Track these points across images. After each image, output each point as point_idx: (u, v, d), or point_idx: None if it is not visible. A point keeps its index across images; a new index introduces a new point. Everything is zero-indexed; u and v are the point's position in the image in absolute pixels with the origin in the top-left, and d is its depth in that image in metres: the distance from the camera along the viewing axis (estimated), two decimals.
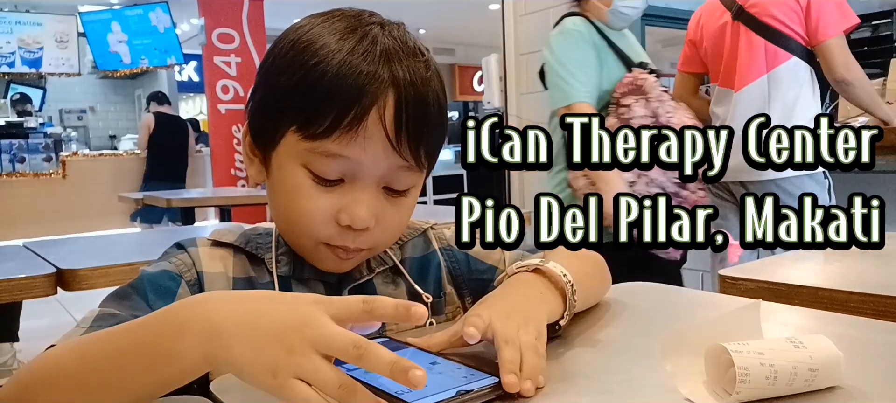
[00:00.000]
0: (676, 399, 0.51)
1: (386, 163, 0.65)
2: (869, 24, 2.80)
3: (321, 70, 0.63)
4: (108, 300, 0.64)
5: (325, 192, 0.66)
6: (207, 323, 0.46)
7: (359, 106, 0.62)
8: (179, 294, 0.67)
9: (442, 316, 0.79)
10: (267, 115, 0.68)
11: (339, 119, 0.62)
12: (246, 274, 0.72)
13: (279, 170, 0.68)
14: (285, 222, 0.70)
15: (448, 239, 0.84)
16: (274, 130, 0.67)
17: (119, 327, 0.51)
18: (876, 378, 0.56)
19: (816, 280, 0.93)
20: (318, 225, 0.66)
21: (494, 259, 0.83)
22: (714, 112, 2.40)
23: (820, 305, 0.85)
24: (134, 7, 7.93)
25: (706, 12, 2.40)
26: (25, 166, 5.72)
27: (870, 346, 0.65)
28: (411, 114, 0.64)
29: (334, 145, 0.63)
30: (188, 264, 0.70)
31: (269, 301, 0.48)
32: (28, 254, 1.57)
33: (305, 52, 0.65)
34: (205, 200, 3.76)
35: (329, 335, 0.44)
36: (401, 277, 0.78)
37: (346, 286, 0.74)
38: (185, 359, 0.47)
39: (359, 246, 0.68)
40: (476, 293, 0.82)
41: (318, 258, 0.70)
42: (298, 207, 0.66)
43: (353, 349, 0.44)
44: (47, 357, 0.53)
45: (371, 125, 0.62)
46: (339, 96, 0.62)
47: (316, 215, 0.66)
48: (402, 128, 0.64)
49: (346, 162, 0.64)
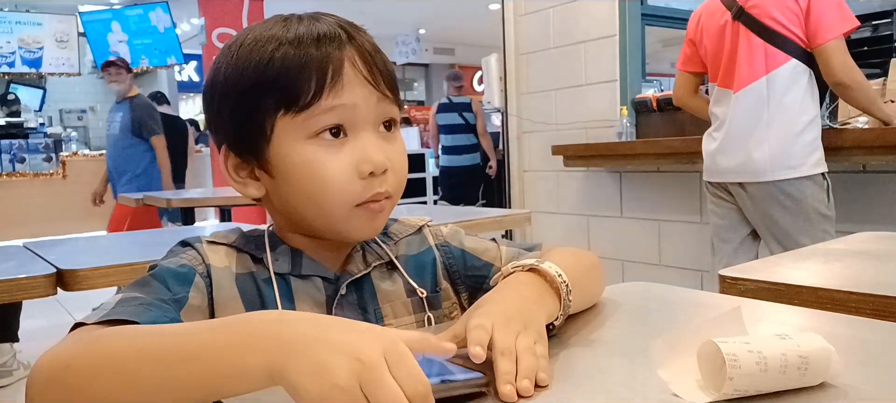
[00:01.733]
0: (676, 399, 0.51)
1: (374, 101, 0.69)
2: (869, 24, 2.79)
3: (285, 50, 0.67)
4: (130, 287, 0.64)
5: (338, 151, 0.68)
6: (276, 331, 0.46)
7: (332, 61, 0.67)
8: (195, 283, 0.68)
9: (439, 310, 0.80)
10: (246, 121, 0.70)
11: (321, 78, 0.66)
12: (248, 270, 0.73)
13: (285, 159, 0.69)
14: (309, 204, 0.70)
15: (445, 236, 0.85)
16: (261, 128, 0.69)
17: (178, 327, 0.51)
18: (875, 378, 0.56)
19: (816, 280, 0.93)
20: (345, 184, 0.68)
21: (490, 255, 0.83)
22: (713, 112, 2.40)
23: (820, 305, 0.85)
24: (134, 7, 7.93)
25: (706, 12, 2.40)
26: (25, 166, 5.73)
27: (869, 346, 0.65)
28: (373, 54, 0.70)
29: (328, 100, 0.67)
30: (198, 259, 0.71)
31: (345, 328, 0.48)
32: (28, 254, 1.57)
33: (259, 46, 0.68)
34: (205, 200, 3.75)
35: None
36: (397, 272, 0.79)
37: (344, 281, 0.74)
38: (250, 375, 0.46)
39: (386, 189, 0.70)
40: (472, 289, 0.83)
41: (353, 226, 0.71)
42: (323, 177, 0.68)
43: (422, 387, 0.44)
44: (94, 342, 0.51)
45: (349, 71, 0.68)
46: (313, 61, 0.67)
47: (341, 174, 0.68)
48: (374, 67, 0.70)
49: (343, 109, 0.68)
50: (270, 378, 0.45)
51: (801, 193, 2.18)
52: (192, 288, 0.67)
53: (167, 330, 0.51)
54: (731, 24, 2.27)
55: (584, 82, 3.71)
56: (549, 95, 3.93)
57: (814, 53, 2.15)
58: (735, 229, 2.41)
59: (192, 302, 0.66)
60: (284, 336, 0.46)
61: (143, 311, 0.59)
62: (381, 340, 0.45)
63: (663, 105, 3.19)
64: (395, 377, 0.44)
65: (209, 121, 0.75)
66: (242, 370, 0.46)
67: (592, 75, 3.67)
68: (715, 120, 2.39)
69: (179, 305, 0.65)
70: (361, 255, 0.77)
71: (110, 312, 0.57)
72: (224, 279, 0.71)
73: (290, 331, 0.46)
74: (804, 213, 2.19)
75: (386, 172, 0.70)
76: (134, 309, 0.59)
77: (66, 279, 1.32)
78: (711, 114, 2.41)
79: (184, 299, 0.65)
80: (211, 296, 0.69)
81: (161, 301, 0.62)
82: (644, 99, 3.33)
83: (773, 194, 2.21)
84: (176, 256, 0.71)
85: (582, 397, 0.53)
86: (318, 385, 0.43)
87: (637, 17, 3.58)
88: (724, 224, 2.43)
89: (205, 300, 0.68)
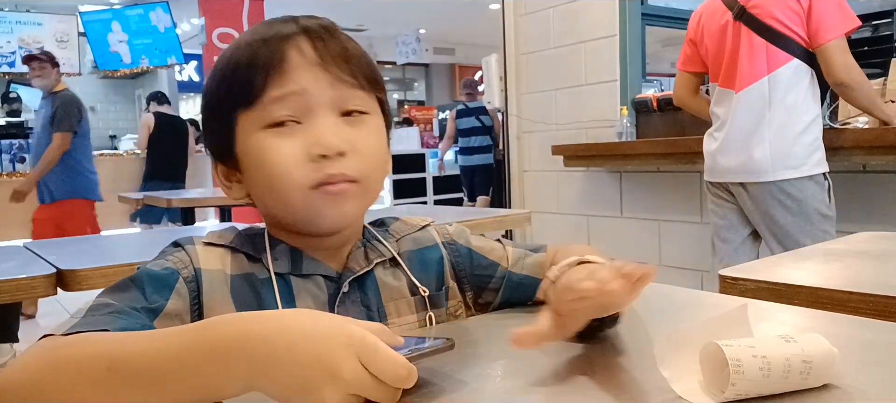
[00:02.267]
0: (676, 400, 0.51)
1: (326, 83, 0.69)
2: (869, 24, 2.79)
3: (238, 54, 0.71)
4: (106, 291, 0.64)
5: (288, 137, 0.68)
6: (249, 348, 0.47)
7: (276, 51, 0.68)
8: (176, 288, 0.67)
9: (443, 309, 0.79)
10: (216, 127, 0.73)
11: (265, 69, 0.68)
12: (243, 271, 0.72)
13: (247, 154, 0.71)
14: (270, 195, 0.70)
15: (451, 234, 0.84)
16: (228, 130, 0.71)
17: (151, 337, 0.51)
18: (876, 379, 0.56)
19: (816, 280, 0.93)
20: (294, 168, 0.68)
21: (497, 255, 0.83)
22: (714, 112, 2.40)
23: (820, 305, 0.85)
24: (134, 7, 7.93)
25: (707, 11, 2.40)
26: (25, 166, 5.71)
27: (869, 346, 0.65)
28: (327, 39, 0.70)
29: (275, 91, 0.68)
30: (186, 261, 0.70)
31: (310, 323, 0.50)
32: (28, 254, 1.57)
33: (223, 55, 0.73)
34: (205, 200, 3.75)
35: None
36: (400, 269, 0.78)
37: (346, 279, 0.73)
38: (228, 388, 0.48)
39: (342, 171, 0.68)
40: (477, 288, 0.83)
41: (315, 211, 0.69)
42: (273, 163, 0.68)
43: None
44: (61, 354, 0.51)
45: (295, 58, 0.68)
46: (258, 55, 0.69)
47: (288, 158, 0.68)
48: (325, 52, 0.69)
49: (293, 97, 0.68)
50: (248, 390, 0.48)
51: (803, 193, 2.18)
52: (172, 294, 0.66)
53: (139, 346, 0.50)
54: (733, 23, 2.27)
55: (584, 82, 3.71)
56: (549, 95, 3.93)
57: (815, 53, 2.15)
58: (735, 229, 2.41)
59: (169, 309, 0.65)
60: (256, 357, 0.47)
61: (112, 321, 0.58)
62: (350, 343, 0.47)
63: (663, 105, 3.19)
64: (374, 371, 0.47)
65: (202, 132, 0.79)
66: (222, 385, 0.48)
67: (592, 75, 3.67)
68: (716, 120, 2.39)
69: (154, 313, 0.63)
70: (363, 252, 0.76)
71: (79, 323, 0.56)
72: (216, 281, 0.70)
73: (262, 353, 0.47)
74: (805, 213, 2.19)
75: (344, 155, 0.68)
76: (104, 317, 0.58)
77: (66, 279, 1.32)
78: (712, 114, 2.41)
79: (160, 307, 0.64)
80: (197, 301, 0.68)
81: (133, 308, 0.62)
82: (644, 99, 3.33)
83: (773, 194, 2.21)
84: (163, 258, 0.70)
85: (582, 396, 0.53)
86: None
87: (637, 17, 3.58)
88: (725, 224, 2.43)
89: (186, 305, 0.67)
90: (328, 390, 0.46)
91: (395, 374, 0.47)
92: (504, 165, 4.34)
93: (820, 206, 2.20)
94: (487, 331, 0.74)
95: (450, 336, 0.56)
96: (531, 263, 0.81)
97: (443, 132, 8.17)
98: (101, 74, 9.32)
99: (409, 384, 0.49)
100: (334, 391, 0.46)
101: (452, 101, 11.45)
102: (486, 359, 0.64)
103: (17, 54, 7.64)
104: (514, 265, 0.82)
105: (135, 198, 4.18)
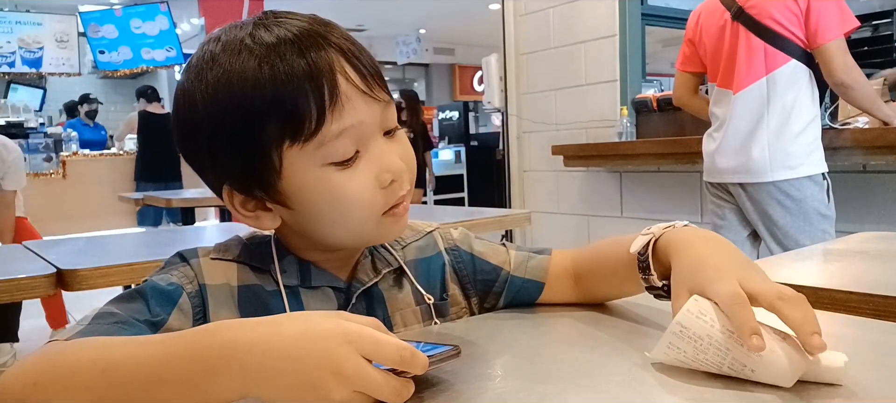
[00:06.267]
0: (676, 400, 0.51)
1: (377, 109, 0.66)
2: (869, 24, 2.80)
3: (272, 79, 0.62)
4: (112, 301, 0.64)
5: (355, 169, 0.66)
6: (239, 357, 0.47)
7: (326, 80, 0.63)
8: (179, 304, 0.66)
9: (446, 317, 0.79)
10: (248, 158, 0.65)
11: (320, 102, 0.62)
12: (250, 282, 0.71)
13: (302, 189, 0.66)
14: (334, 225, 0.68)
15: (455, 240, 0.84)
16: (266, 163, 0.65)
17: (144, 344, 0.51)
18: (876, 379, 0.56)
19: (816, 280, 0.93)
20: (370, 201, 0.67)
21: (500, 259, 0.83)
22: (713, 112, 2.40)
23: (820, 305, 0.85)
24: (134, 7, 7.93)
25: (705, 12, 2.40)
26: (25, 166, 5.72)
27: (870, 346, 0.65)
28: (360, 57, 0.66)
29: (335, 125, 0.63)
30: (190, 276, 0.69)
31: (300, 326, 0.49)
32: (28, 254, 1.57)
33: (238, 80, 0.63)
34: (205, 200, 3.75)
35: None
36: (405, 278, 0.78)
37: (355, 290, 0.73)
38: (220, 396, 0.47)
39: (405, 191, 0.70)
40: (481, 293, 0.82)
41: (382, 232, 0.70)
42: (346, 200, 0.66)
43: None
44: (59, 358, 0.51)
45: (344, 87, 0.63)
46: (306, 84, 0.62)
47: (363, 191, 0.66)
48: (365, 73, 0.65)
49: (352, 130, 0.64)
50: (243, 398, 0.47)
51: (801, 193, 2.18)
52: (174, 309, 0.65)
53: (133, 352, 0.50)
54: (731, 24, 2.27)
55: (584, 82, 3.72)
56: (549, 95, 3.93)
57: (814, 53, 2.15)
58: (735, 229, 2.41)
59: (171, 324, 0.64)
60: (249, 365, 0.47)
61: (115, 331, 0.58)
62: (349, 340, 0.47)
63: (663, 105, 3.19)
64: (378, 361, 0.47)
65: (193, 160, 0.70)
66: (214, 393, 0.47)
67: (592, 75, 3.67)
68: (715, 120, 2.39)
69: (156, 327, 0.63)
70: (371, 262, 0.76)
71: (83, 330, 0.57)
72: (221, 296, 0.69)
73: (256, 360, 0.47)
74: (804, 213, 2.19)
75: (403, 173, 0.69)
76: (107, 326, 0.58)
77: (66, 279, 1.32)
78: (711, 114, 2.41)
79: (162, 321, 0.64)
80: (202, 315, 0.67)
81: (137, 320, 0.62)
82: (644, 99, 3.33)
83: (772, 194, 2.21)
84: (168, 272, 0.69)
85: (580, 396, 0.53)
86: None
87: (637, 17, 3.59)
88: (724, 224, 2.43)
89: (189, 320, 0.66)
90: (334, 390, 0.46)
91: (399, 357, 0.47)
92: (504, 165, 4.34)
93: (819, 206, 2.20)
94: (488, 331, 0.74)
95: (455, 344, 0.55)
96: (534, 266, 0.81)
97: (425, 133, 7.88)
98: (100, 74, 9.32)
99: (415, 367, 0.48)
100: (340, 389, 0.46)
101: (452, 101, 11.45)
102: (486, 359, 0.64)
103: (17, 54, 7.64)
104: (516, 268, 0.81)
105: (135, 198, 4.18)
